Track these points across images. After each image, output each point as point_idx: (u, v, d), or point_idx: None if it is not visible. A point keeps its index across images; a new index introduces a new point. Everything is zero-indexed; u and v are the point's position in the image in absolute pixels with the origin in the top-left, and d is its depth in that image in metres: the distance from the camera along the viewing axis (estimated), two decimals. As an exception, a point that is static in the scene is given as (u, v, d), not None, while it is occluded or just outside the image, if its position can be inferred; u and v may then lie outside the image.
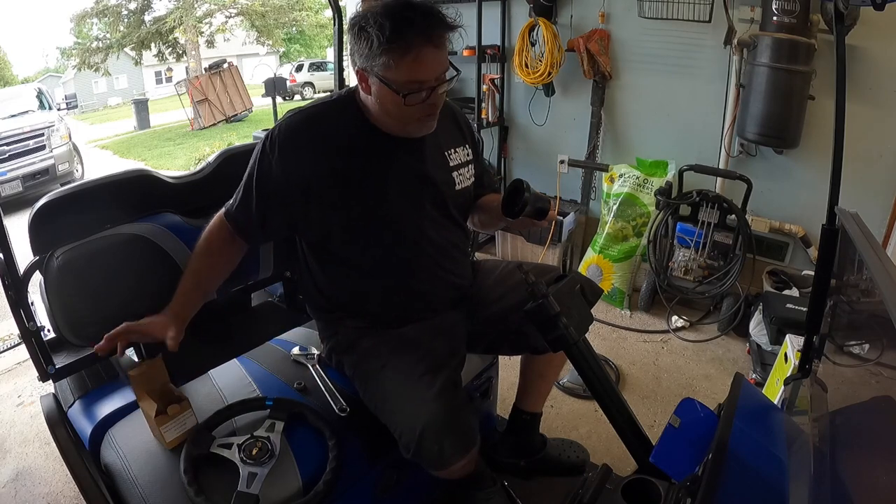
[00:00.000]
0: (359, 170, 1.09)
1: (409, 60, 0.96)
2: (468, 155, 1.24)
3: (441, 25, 0.98)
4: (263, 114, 11.48)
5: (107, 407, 1.25)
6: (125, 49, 15.42)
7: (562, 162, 2.92)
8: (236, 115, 11.68)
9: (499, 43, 3.04)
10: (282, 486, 1.03)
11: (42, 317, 1.26)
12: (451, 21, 1.00)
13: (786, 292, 2.28)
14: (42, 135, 5.98)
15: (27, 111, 6.51)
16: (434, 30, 0.97)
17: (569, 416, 1.94)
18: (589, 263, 2.70)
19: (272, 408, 1.13)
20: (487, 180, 1.33)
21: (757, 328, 2.16)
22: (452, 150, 1.21)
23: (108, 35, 15.39)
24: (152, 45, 15.53)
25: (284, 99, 12.73)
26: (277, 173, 1.08)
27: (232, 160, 1.48)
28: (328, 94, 1.26)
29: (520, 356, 1.48)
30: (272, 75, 8.71)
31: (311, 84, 16.64)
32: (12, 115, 6.28)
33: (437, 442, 1.00)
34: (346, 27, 1.12)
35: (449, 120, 1.23)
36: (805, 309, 1.36)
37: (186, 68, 15.94)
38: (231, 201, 1.15)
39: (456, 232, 1.24)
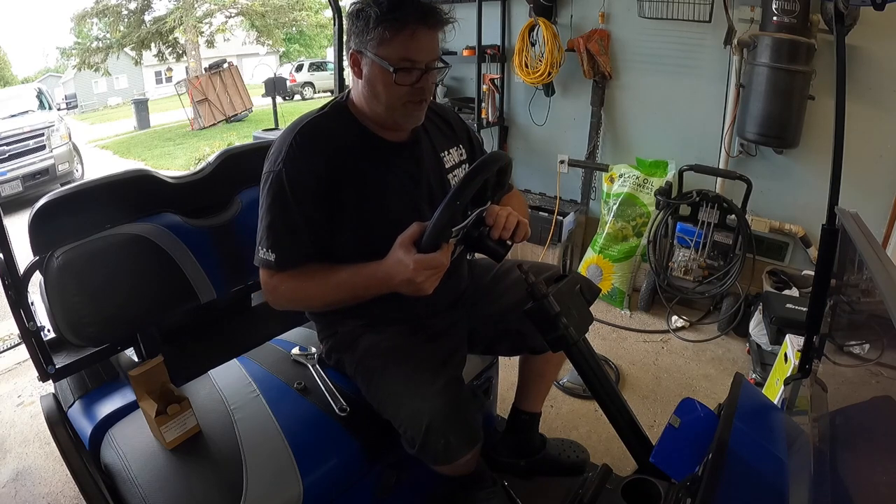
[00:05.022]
0: (357, 174, 1.09)
1: (405, 36, 0.98)
2: (462, 155, 1.24)
3: (437, 12, 1.01)
4: (263, 114, 11.47)
5: (107, 407, 1.25)
6: (125, 49, 15.40)
7: (562, 162, 2.92)
8: (236, 115, 11.68)
9: (499, 43, 3.03)
10: (282, 486, 1.02)
11: (42, 317, 1.26)
12: (446, 15, 1.03)
13: (786, 292, 2.28)
14: (42, 135, 5.98)
15: (27, 111, 6.51)
16: (431, 12, 0.99)
17: (569, 416, 1.94)
18: (589, 263, 2.70)
19: None
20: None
21: (757, 328, 2.16)
22: (446, 152, 1.21)
23: (108, 35, 15.39)
24: (152, 45, 15.51)
25: (284, 99, 12.75)
26: (302, 180, 1.06)
27: (232, 160, 1.48)
28: (329, 94, 1.26)
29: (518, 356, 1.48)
30: (272, 75, 8.73)
31: (311, 84, 16.65)
32: (12, 115, 6.28)
33: (444, 436, 1.00)
34: (345, 22, 1.11)
35: (440, 121, 1.23)
36: (805, 309, 1.36)
37: (186, 68, 15.94)
38: (265, 254, 1.06)
39: None
